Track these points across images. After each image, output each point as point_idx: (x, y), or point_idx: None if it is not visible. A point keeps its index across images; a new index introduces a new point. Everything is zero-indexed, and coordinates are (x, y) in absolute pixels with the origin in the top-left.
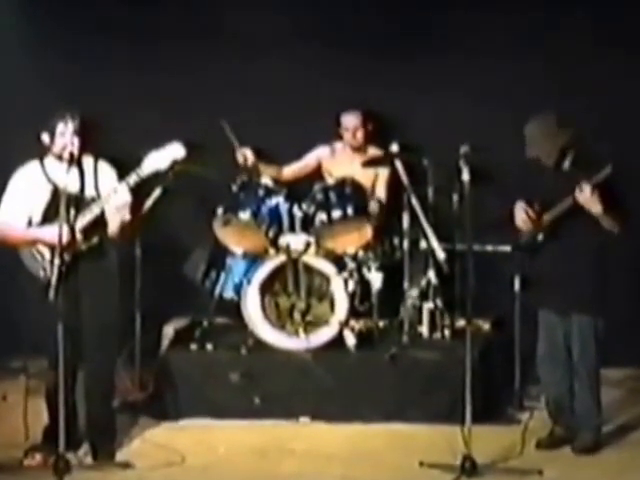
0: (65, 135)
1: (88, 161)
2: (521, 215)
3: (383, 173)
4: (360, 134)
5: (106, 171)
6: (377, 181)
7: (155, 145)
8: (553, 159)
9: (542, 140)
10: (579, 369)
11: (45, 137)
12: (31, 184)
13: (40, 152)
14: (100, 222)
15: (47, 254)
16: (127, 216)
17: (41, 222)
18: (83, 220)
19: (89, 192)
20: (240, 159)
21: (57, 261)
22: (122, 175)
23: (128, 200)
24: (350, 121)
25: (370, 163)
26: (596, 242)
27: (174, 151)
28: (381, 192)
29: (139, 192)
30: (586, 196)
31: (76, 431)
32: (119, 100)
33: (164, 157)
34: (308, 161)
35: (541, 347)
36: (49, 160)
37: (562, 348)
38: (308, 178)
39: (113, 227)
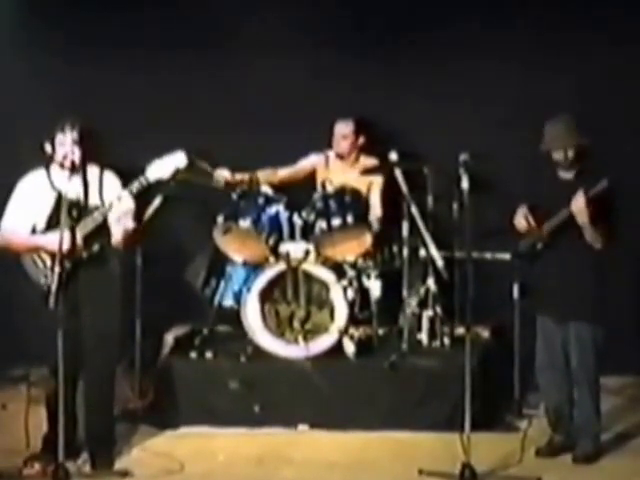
0: (65, 145)
1: (93, 171)
2: (520, 221)
3: (377, 181)
4: (345, 143)
5: (111, 181)
6: (371, 189)
7: (156, 155)
8: (563, 155)
9: (561, 133)
10: (578, 377)
11: (47, 147)
12: (36, 191)
13: (46, 160)
14: (102, 230)
15: (48, 261)
16: (130, 223)
17: (45, 229)
18: (85, 228)
19: (93, 201)
20: (217, 183)
21: (57, 268)
22: (126, 185)
23: (131, 207)
24: (339, 129)
25: (367, 171)
26: (595, 250)
27: (177, 160)
28: (376, 200)
29: (141, 200)
30: (579, 205)
31: (75, 439)
32: (120, 110)
33: (167, 166)
34: (302, 166)
35: (539, 355)
36: (54, 168)
37: (561, 355)
38: (302, 183)
39: (117, 236)
